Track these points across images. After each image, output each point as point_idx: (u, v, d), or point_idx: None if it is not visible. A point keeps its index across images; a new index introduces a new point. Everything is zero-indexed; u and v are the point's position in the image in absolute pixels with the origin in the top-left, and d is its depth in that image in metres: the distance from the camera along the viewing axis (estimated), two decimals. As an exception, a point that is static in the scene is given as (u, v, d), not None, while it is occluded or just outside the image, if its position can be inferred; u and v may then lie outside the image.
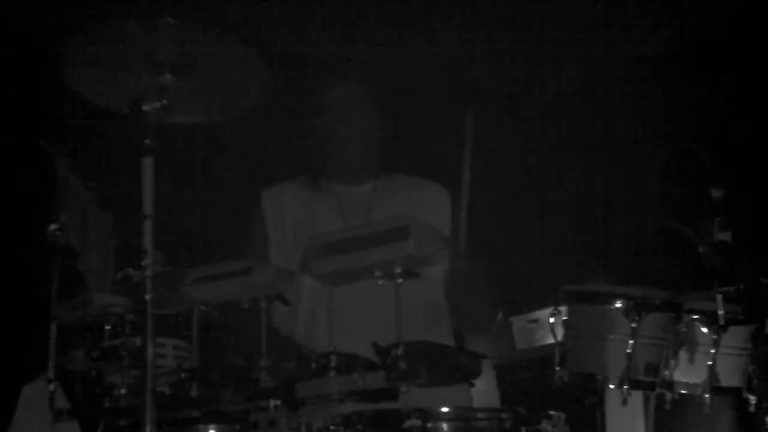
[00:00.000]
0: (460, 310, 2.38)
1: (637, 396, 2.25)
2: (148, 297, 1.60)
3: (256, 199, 2.58)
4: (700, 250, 2.04)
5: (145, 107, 1.64)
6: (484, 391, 4.05)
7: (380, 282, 1.76)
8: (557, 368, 2.18)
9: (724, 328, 2.09)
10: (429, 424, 1.80)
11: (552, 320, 2.21)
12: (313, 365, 1.78)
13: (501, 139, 3.44)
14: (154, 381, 1.80)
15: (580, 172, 3.29)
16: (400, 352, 1.74)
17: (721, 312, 2.03)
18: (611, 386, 2.13)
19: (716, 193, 1.96)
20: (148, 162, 1.62)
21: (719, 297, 2.00)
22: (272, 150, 3.00)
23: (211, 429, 1.95)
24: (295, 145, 2.58)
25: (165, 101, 1.64)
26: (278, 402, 1.81)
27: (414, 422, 1.80)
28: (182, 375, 1.87)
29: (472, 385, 4.06)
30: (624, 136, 3.12)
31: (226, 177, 3.21)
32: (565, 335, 2.19)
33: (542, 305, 3.41)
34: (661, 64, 3.13)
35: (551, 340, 2.22)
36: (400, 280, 1.77)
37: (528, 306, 3.61)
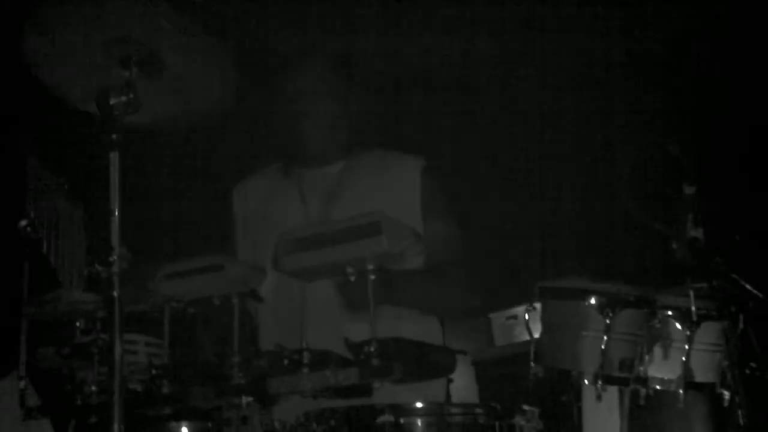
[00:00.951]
0: (434, 295, 2.36)
1: (612, 391, 2.26)
2: (115, 293, 1.58)
3: (227, 195, 2.57)
4: (674, 246, 2.04)
5: (113, 101, 1.62)
6: (462, 387, 4.07)
7: (352, 278, 1.75)
8: (532, 364, 2.19)
9: (697, 324, 2.10)
10: (402, 420, 1.80)
11: (527, 316, 2.22)
12: (286, 362, 1.76)
13: (481, 137, 3.46)
14: (124, 378, 1.79)
15: (556, 171, 3.30)
16: (372, 348, 1.73)
17: (693, 308, 2.04)
18: (586, 382, 2.14)
19: (689, 190, 1.97)
20: (114, 157, 1.60)
21: (692, 293, 2.01)
22: (243, 142, 2.99)
23: (183, 426, 1.94)
24: (264, 134, 2.57)
25: (132, 95, 1.62)
26: (250, 399, 1.80)
27: (387, 418, 1.79)
28: (153, 372, 1.85)
29: (451, 380, 4.08)
30: (597, 133, 3.13)
31: (198, 172, 3.19)
32: (540, 331, 2.20)
33: (521, 302, 3.42)
34: (640, 62, 3.15)
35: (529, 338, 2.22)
36: (372, 277, 1.76)
37: (506, 303, 3.62)
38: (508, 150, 3.38)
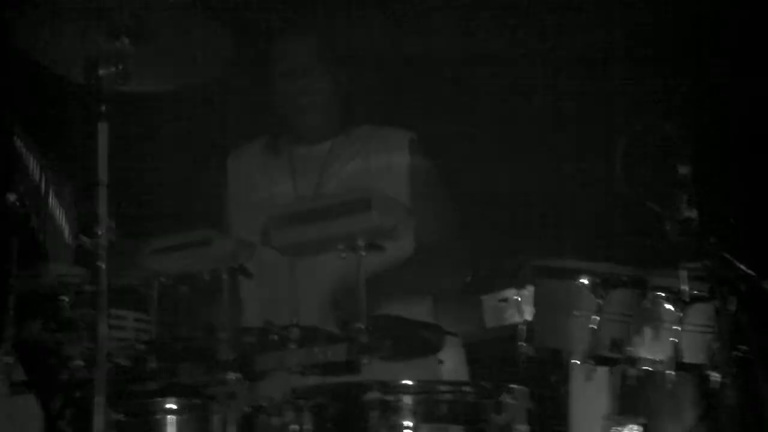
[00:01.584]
0: (424, 278, 2.36)
1: (602, 372, 2.26)
2: (102, 265, 1.56)
3: (221, 165, 2.55)
4: (667, 227, 2.03)
5: (101, 72, 1.59)
6: (453, 369, 4.06)
7: (343, 255, 1.74)
8: (522, 343, 2.18)
9: (689, 305, 2.09)
10: (390, 398, 1.79)
11: (518, 297, 2.21)
12: (274, 337, 1.75)
13: (475, 115, 3.43)
14: (111, 353, 1.77)
15: (551, 150, 3.29)
16: (361, 325, 1.72)
17: (685, 288, 2.03)
18: (576, 362, 2.13)
19: (683, 170, 1.95)
20: (103, 128, 1.58)
21: (684, 274, 2.00)
22: (232, 115, 2.96)
23: (170, 401, 1.92)
24: (254, 109, 2.55)
25: (121, 66, 1.59)
26: (237, 375, 1.78)
27: (375, 395, 1.79)
28: (139, 347, 1.84)
29: (441, 362, 4.07)
30: (591, 113, 3.11)
31: (186, 144, 3.16)
32: (532, 310, 2.19)
33: (513, 284, 3.41)
34: (636, 41, 3.12)
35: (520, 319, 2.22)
36: (363, 253, 1.75)
37: (498, 284, 3.61)
38: (503, 128, 3.36)
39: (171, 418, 1.92)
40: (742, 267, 1.97)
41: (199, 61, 1.75)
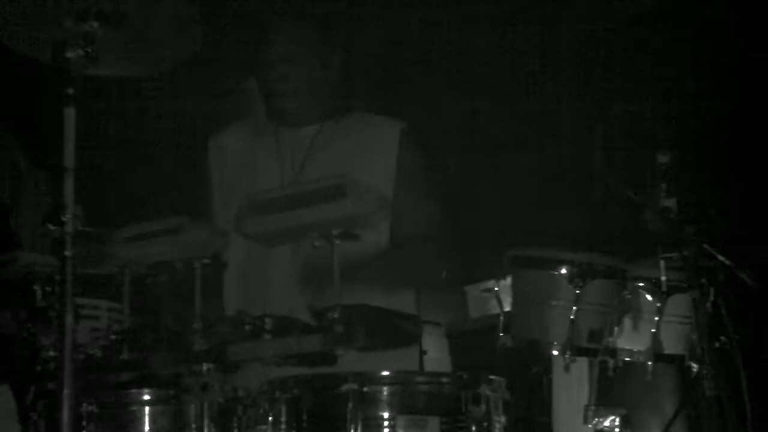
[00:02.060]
0: (404, 271, 2.33)
1: (582, 362, 2.25)
2: (68, 253, 1.53)
3: (200, 149, 2.51)
4: (647, 216, 2.02)
5: (69, 55, 1.56)
6: (436, 359, 4.06)
7: (317, 243, 1.71)
8: (501, 334, 2.17)
9: (667, 296, 2.08)
10: (366, 388, 1.77)
11: (497, 287, 2.20)
12: (248, 328, 1.73)
13: (464, 106, 3.41)
14: (81, 343, 1.75)
15: (530, 140, 3.27)
16: (336, 315, 1.70)
17: (664, 278, 2.02)
18: (555, 352, 2.12)
19: (662, 159, 1.94)
20: (69, 113, 1.54)
21: (662, 264, 1.99)
22: (216, 96, 2.92)
23: (145, 392, 1.90)
24: (238, 90, 2.51)
25: (90, 49, 1.56)
26: (211, 365, 1.76)
27: (351, 386, 1.77)
28: (112, 337, 1.81)
29: (424, 352, 4.05)
30: (570, 102, 3.10)
31: (161, 130, 3.11)
32: (511, 300, 2.18)
33: (495, 274, 3.41)
34: (616, 31, 3.11)
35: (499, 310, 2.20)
36: (337, 242, 1.72)
37: (482, 274, 3.60)
38: (488, 118, 3.34)
39: (146, 410, 1.90)
40: (719, 257, 1.96)
41: (170, 45, 1.71)
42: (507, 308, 2.25)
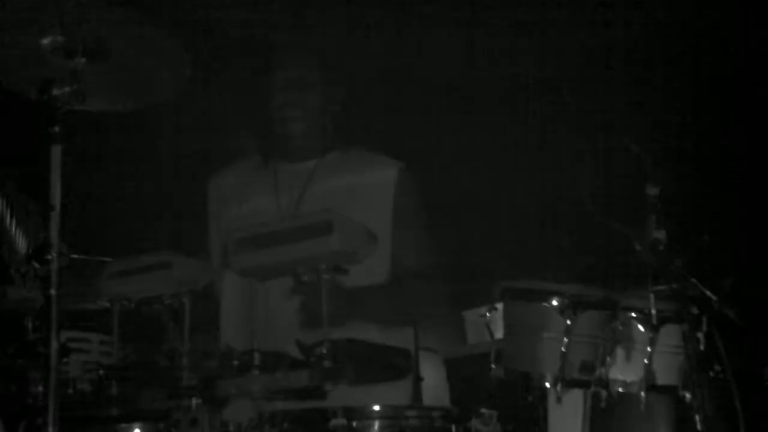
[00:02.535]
0: (400, 308, 2.34)
1: (578, 393, 2.24)
2: (53, 292, 1.53)
3: (201, 189, 2.52)
4: (637, 248, 2.02)
5: (56, 92, 1.57)
6: (433, 386, 4.03)
7: (305, 278, 1.71)
8: (493, 366, 2.16)
9: (658, 327, 2.08)
10: (355, 423, 1.77)
11: (488, 316, 2.19)
12: (236, 363, 1.72)
13: (462, 140, 3.43)
14: (71, 378, 1.74)
15: (521, 173, 3.29)
16: (324, 350, 1.69)
17: (653, 311, 2.02)
18: (547, 384, 2.11)
19: (651, 191, 1.94)
20: (56, 150, 1.55)
21: (651, 296, 1.99)
22: (217, 134, 2.93)
23: (136, 428, 1.89)
24: (241, 126, 2.52)
25: (76, 86, 1.57)
26: (199, 400, 1.76)
27: (340, 421, 1.76)
28: (101, 372, 1.81)
29: (422, 379, 4.03)
30: (562, 134, 3.11)
31: (168, 165, 3.13)
32: (502, 332, 2.17)
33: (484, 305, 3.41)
34: (603, 62, 3.13)
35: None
36: (326, 276, 1.72)
37: (480, 301, 3.59)
38: (480, 150, 3.36)
39: (136, 444, 1.89)
40: (707, 292, 1.96)
41: (158, 80, 1.72)
42: (499, 337, 2.25)
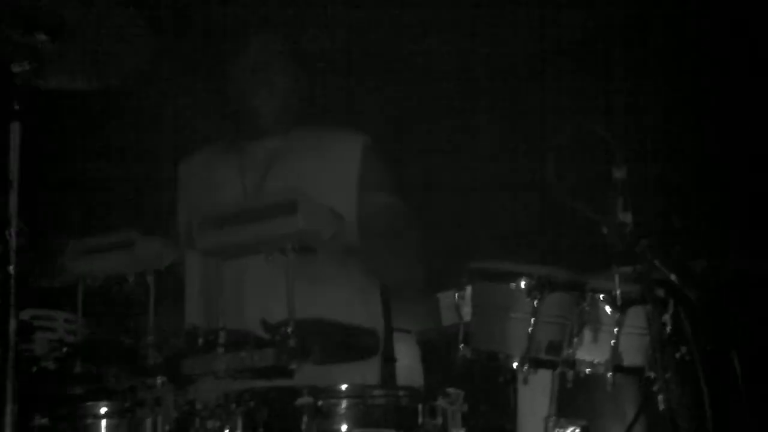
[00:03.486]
0: (378, 267, 2.32)
1: (546, 374, 2.25)
2: (11, 270, 1.52)
3: (172, 170, 2.51)
4: (604, 231, 2.03)
5: (15, 69, 1.55)
6: (407, 366, 4.06)
7: (270, 258, 1.71)
8: (461, 346, 2.17)
9: (623, 308, 2.09)
10: (321, 402, 1.77)
11: (456, 298, 2.20)
12: (201, 341, 1.72)
13: (429, 121, 3.43)
14: (36, 356, 1.73)
15: (489, 156, 3.30)
16: (290, 329, 1.70)
17: (618, 292, 2.03)
18: (514, 365, 2.12)
19: (618, 173, 1.95)
20: (15, 128, 1.53)
21: (616, 277, 2.00)
22: (188, 116, 2.92)
23: (101, 405, 1.89)
24: (211, 110, 2.51)
25: (36, 63, 1.54)
26: (164, 379, 1.75)
27: (306, 400, 1.77)
28: (64, 350, 1.80)
29: (395, 360, 4.04)
30: (528, 117, 3.12)
31: (139, 148, 3.11)
32: (470, 312, 2.18)
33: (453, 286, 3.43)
34: (570, 47, 3.14)
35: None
36: (292, 256, 1.72)
37: (454, 283, 3.61)
38: (448, 134, 3.36)
39: (102, 423, 1.89)
40: (668, 272, 1.97)
41: (120, 58, 1.70)
42: (468, 319, 2.26)
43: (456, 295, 2.22)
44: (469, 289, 2.20)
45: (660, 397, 2.00)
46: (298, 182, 2.11)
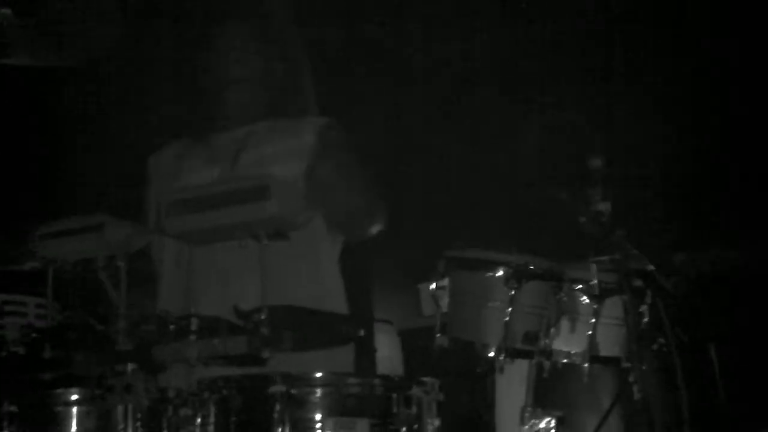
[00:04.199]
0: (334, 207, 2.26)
1: (524, 364, 2.24)
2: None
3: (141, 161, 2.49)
4: (581, 220, 2.02)
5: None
6: (387, 356, 4.05)
7: (243, 243, 1.69)
8: (437, 335, 2.16)
9: (601, 298, 2.09)
10: (294, 390, 1.75)
11: (434, 288, 2.19)
12: (172, 328, 1.70)
13: (400, 110, 3.41)
14: (6, 341, 1.70)
15: (463, 144, 3.28)
16: (263, 316, 1.67)
17: (595, 282, 2.03)
18: (490, 354, 2.11)
19: (595, 163, 1.94)
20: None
21: (594, 267, 2.00)
22: (158, 108, 2.88)
23: (72, 392, 1.86)
24: (181, 102, 2.47)
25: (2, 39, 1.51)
26: (135, 366, 1.73)
27: (279, 387, 1.74)
28: (33, 335, 1.77)
29: (375, 350, 4.02)
30: (508, 107, 3.10)
31: (88, 128, 3.05)
32: (447, 302, 2.17)
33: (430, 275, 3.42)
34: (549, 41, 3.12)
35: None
36: (266, 242, 1.70)
37: (435, 273, 3.60)
38: (423, 120, 3.34)
39: (73, 410, 1.86)
40: (645, 262, 1.97)
41: (88, 36, 1.67)
42: (445, 309, 2.24)
43: (434, 284, 2.21)
44: (446, 278, 2.19)
45: (635, 388, 1.99)
46: (264, 170, 2.07)
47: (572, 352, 2.16)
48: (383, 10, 3.31)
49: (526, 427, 2.19)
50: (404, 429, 1.82)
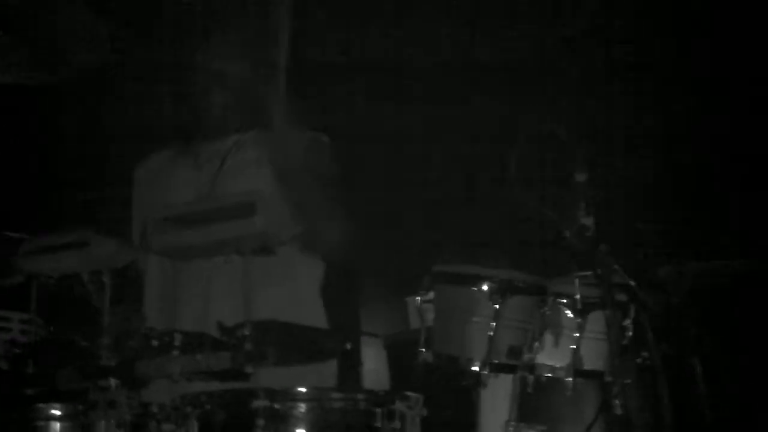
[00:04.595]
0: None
1: (508, 378, 2.25)
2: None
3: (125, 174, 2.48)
4: (565, 234, 2.03)
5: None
6: (374, 370, 4.05)
7: (228, 259, 1.69)
8: (422, 349, 2.16)
9: (584, 312, 2.10)
10: (277, 405, 1.75)
11: (419, 301, 2.19)
12: (155, 343, 1.69)
13: (385, 122, 3.43)
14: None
15: (448, 158, 3.30)
16: (247, 332, 1.68)
17: (578, 296, 2.04)
18: (475, 368, 2.12)
19: (580, 177, 1.95)
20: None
21: (577, 281, 2.01)
22: (142, 118, 2.89)
23: (54, 407, 1.86)
24: (167, 111, 2.48)
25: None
26: (118, 381, 1.72)
27: (262, 402, 1.74)
28: (16, 351, 1.76)
29: (361, 364, 4.01)
30: (489, 120, 3.12)
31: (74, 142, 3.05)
32: (432, 316, 2.17)
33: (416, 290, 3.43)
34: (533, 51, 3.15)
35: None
36: (251, 258, 1.70)
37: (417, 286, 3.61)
38: (410, 133, 3.36)
39: (56, 426, 1.86)
40: (626, 278, 1.98)
41: (73, 53, 1.67)
42: (431, 323, 2.25)
43: (419, 298, 2.21)
44: (431, 293, 2.19)
45: (616, 402, 2.00)
46: (249, 183, 2.08)
47: (556, 366, 2.17)
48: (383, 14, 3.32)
49: (511, 441, 2.20)
50: (388, 444, 1.82)
